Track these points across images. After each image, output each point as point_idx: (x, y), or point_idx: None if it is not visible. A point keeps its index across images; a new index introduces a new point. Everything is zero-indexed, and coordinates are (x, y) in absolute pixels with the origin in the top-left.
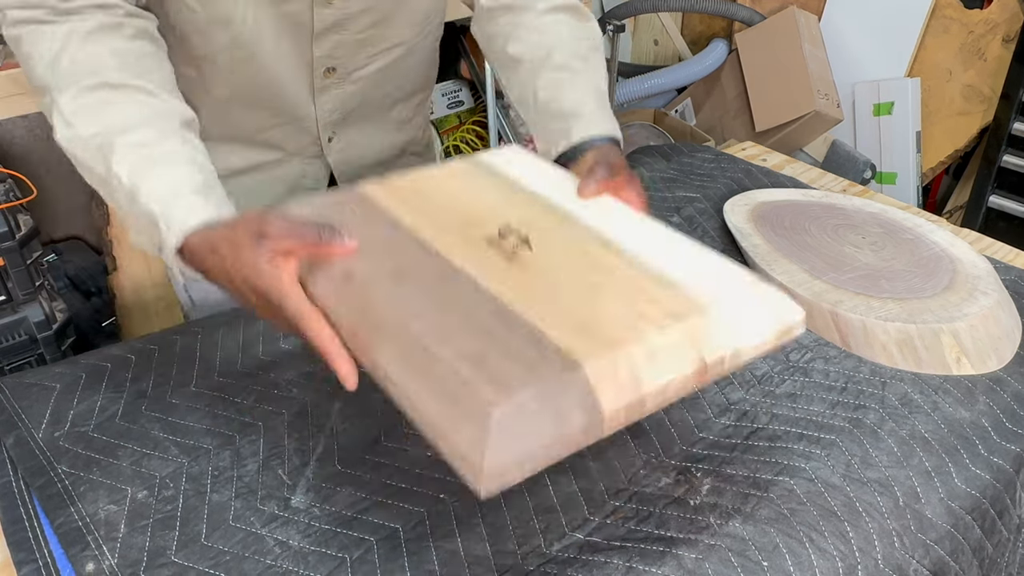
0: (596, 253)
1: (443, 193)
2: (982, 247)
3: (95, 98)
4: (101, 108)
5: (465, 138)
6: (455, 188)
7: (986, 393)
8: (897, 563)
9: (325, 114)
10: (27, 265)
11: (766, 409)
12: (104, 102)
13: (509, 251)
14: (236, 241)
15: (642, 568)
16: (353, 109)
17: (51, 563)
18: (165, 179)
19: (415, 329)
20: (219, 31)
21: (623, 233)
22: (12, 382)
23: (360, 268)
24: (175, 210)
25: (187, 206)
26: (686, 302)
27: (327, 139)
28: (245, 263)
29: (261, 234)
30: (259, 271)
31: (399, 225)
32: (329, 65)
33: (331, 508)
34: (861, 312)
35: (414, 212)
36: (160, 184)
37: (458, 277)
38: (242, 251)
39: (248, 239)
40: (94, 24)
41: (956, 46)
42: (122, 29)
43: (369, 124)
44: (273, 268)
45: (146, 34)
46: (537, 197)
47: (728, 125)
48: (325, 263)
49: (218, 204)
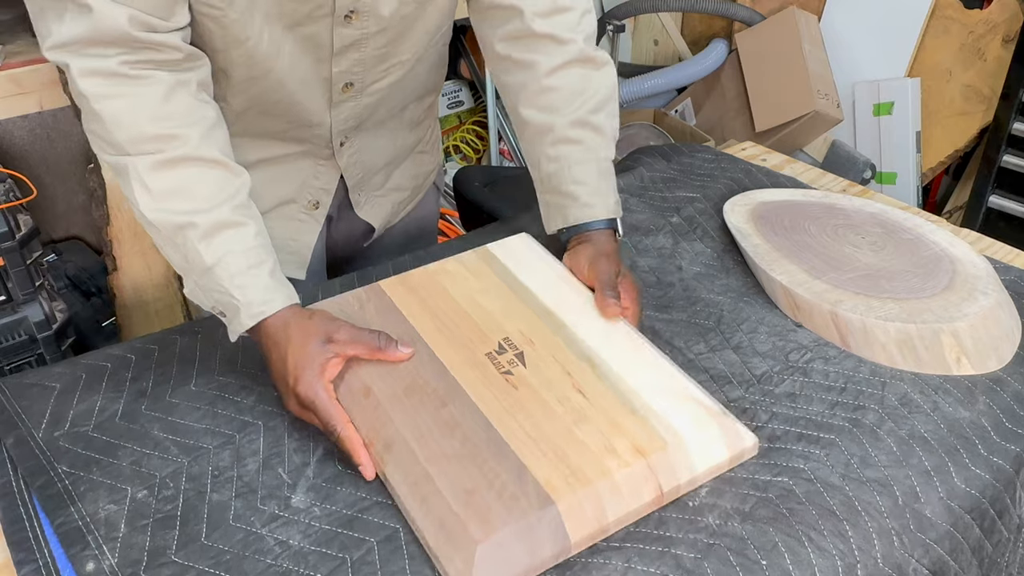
0: (580, 374)
1: (453, 294)
2: (982, 247)
3: (176, 175)
4: (183, 185)
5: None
6: (464, 289)
7: (986, 393)
8: (896, 562)
9: (340, 123)
10: (27, 265)
11: (766, 408)
12: (184, 178)
13: (505, 366)
14: (308, 333)
15: (641, 568)
16: (368, 118)
17: (51, 563)
18: (242, 262)
19: (421, 456)
20: (236, 48)
21: (607, 351)
22: (12, 382)
23: (377, 385)
24: (253, 293)
25: (263, 289)
26: (651, 436)
27: (339, 144)
28: (308, 355)
29: (329, 338)
30: (315, 366)
31: (412, 331)
32: (347, 81)
33: (331, 508)
34: (861, 312)
35: (426, 314)
36: (236, 266)
37: (459, 397)
38: (309, 344)
39: (317, 338)
40: (168, 84)
41: (956, 46)
42: (189, 86)
43: (382, 128)
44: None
45: (205, 86)
46: (536, 302)
47: (728, 125)
48: (350, 374)
49: (288, 292)
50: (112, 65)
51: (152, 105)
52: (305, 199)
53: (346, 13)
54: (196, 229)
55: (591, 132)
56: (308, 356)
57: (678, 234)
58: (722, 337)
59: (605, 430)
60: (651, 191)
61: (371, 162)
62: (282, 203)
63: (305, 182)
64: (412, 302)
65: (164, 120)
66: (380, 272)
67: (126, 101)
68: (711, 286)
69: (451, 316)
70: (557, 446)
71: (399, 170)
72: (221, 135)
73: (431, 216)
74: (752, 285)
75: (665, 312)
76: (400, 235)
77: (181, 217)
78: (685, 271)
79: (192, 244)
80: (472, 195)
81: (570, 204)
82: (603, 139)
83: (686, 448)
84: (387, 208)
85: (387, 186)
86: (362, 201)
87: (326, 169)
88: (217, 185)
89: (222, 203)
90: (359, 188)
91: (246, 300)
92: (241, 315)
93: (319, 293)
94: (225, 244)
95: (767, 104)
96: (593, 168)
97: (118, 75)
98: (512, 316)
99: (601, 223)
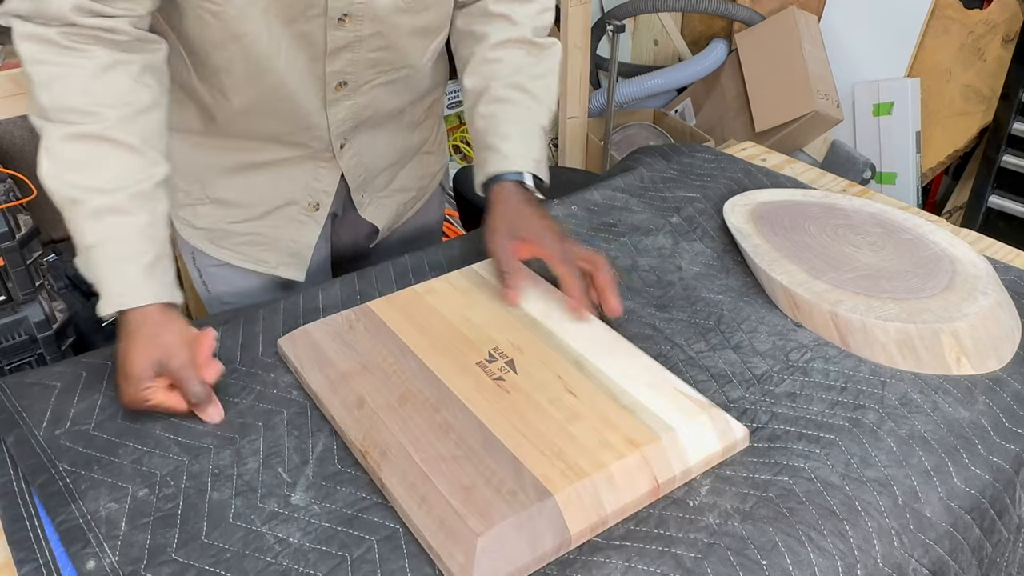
0: (569, 376)
1: (441, 312)
2: (982, 247)
3: (83, 149)
4: (86, 161)
5: (465, 138)
6: (453, 307)
7: (986, 393)
8: (896, 562)
9: (337, 124)
10: (27, 265)
11: (765, 408)
12: (90, 154)
13: (496, 373)
14: (151, 345)
15: (641, 567)
16: (365, 119)
17: (52, 562)
18: (121, 250)
19: (417, 458)
20: (234, 44)
21: (594, 353)
22: (12, 381)
23: (371, 395)
24: (119, 284)
25: (131, 281)
26: (643, 430)
27: (339, 146)
28: (135, 371)
29: (160, 363)
30: (134, 386)
31: (403, 346)
32: (341, 80)
33: (331, 506)
34: (861, 312)
35: (416, 330)
36: (115, 253)
37: (452, 403)
38: (143, 360)
39: (152, 357)
40: (103, 62)
41: (956, 46)
42: (130, 67)
43: (381, 130)
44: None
45: (152, 70)
46: (522, 314)
47: (728, 125)
48: (343, 387)
49: (157, 291)
50: (51, 34)
51: (82, 78)
52: (306, 201)
53: (339, 16)
54: (84, 207)
55: (525, 95)
56: (135, 373)
57: (678, 234)
58: (722, 337)
59: (598, 426)
60: (651, 191)
61: (373, 163)
62: (283, 205)
63: (306, 184)
64: (401, 320)
65: (89, 95)
66: (380, 271)
67: (58, 69)
68: (711, 286)
69: (441, 331)
70: (552, 443)
71: (404, 171)
72: (149, 121)
73: (435, 218)
74: (752, 285)
75: (665, 312)
76: (404, 237)
77: (73, 191)
78: (685, 271)
79: (78, 221)
80: (472, 195)
81: (490, 157)
82: (537, 104)
83: (678, 439)
84: (392, 209)
85: (392, 187)
86: (365, 202)
87: (327, 171)
88: (122, 170)
89: (120, 188)
90: (362, 189)
91: (110, 288)
92: (102, 301)
93: (319, 293)
94: (109, 229)
95: (767, 104)
96: (521, 127)
97: (55, 44)
98: (500, 328)
99: (513, 175)
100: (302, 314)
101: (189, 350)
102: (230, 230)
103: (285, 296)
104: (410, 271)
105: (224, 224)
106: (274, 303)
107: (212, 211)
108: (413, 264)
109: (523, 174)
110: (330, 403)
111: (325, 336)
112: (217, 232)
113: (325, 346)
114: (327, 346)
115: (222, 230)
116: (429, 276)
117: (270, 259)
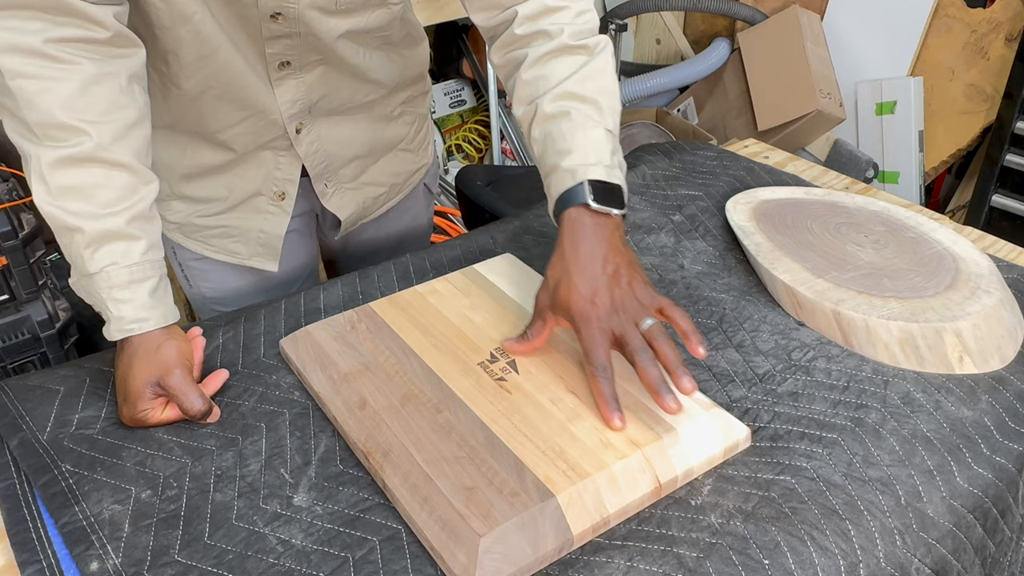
0: (571, 377)
1: (443, 312)
2: (985, 245)
3: (78, 174)
4: (81, 186)
5: (467, 137)
6: (454, 307)
7: (989, 392)
8: (899, 562)
9: (287, 105)
10: (30, 264)
11: (768, 408)
12: (84, 179)
13: (498, 374)
14: (150, 365)
15: (643, 567)
16: (316, 102)
17: (55, 564)
18: (124, 276)
19: (419, 458)
20: (183, 25)
21: None
22: (16, 384)
23: (373, 396)
24: (126, 310)
25: (138, 307)
26: (645, 430)
27: (295, 131)
28: (135, 390)
29: (159, 382)
30: (134, 405)
31: (405, 346)
32: (282, 60)
33: (333, 507)
34: (863, 311)
35: (418, 331)
36: (118, 279)
37: (454, 403)
38: (140, 379)
39: (150, 376)
40: (89, 74)
41: (959, 45)
42: (117, 79)
43: (344, 119)
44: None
45: (137, 79)
46: (524, 314)
47: (730, 124)
48: (345, 388)
49: (162, 312)
50: (35, 43)
51: (68, 92)
52: (271, 191)
53: (271, 14)
54: (83, 235)
55: (577, 102)
56: (133, 394)
57: (680, 232)
58: (724, 336)
59: (600, 426)
60: (653, 189)
61: (335, 152)
62: (249, 196)
63: (268, 174)
64: (403, 320)
65: (77, 111)
66: (381, 271)
67: (43, 83)
68: (713, 284)
69: (442, 331)
70: (554, 443)
71: (376, 165)
72: (138, 135)
73: (423, 221)
74: (754, 283)
75: None
76: (387, 236)
77: (71, 218)
78: (687, 269)
79: (77, 248)
80: (474, 194)
81: (551, 181)
82: (593, 108)
83: (680, 439)
84: (358, 202)
85: (361, 179)
86: (329, 192)
87: (287, 160)
88: (118, 192)
89: (119, 212)
90: (322, 178)
91: (118, 315)
92: (111, 327)
93: (321, 293)
94: (110, 255)
95: (769, 103)
96: (579, 138)
97: (40, 55)
98: (502, 328)
99: (577, 195)
100: (303, 314)
101: (186, 366)
102: (200, 224)
103: (286, 296)
104: (412, 271)
105: (195, 219)
106: (275, 303)
107: (182, 206)
108: (415, 264)
109: (586, 192)
110: (332, 404)
111: (327, 337)
112: (189, 226)
113: (327, 347)
114: (329, 347)
115: (193, 224)
116: (431, 276)
117: (242, 251)
